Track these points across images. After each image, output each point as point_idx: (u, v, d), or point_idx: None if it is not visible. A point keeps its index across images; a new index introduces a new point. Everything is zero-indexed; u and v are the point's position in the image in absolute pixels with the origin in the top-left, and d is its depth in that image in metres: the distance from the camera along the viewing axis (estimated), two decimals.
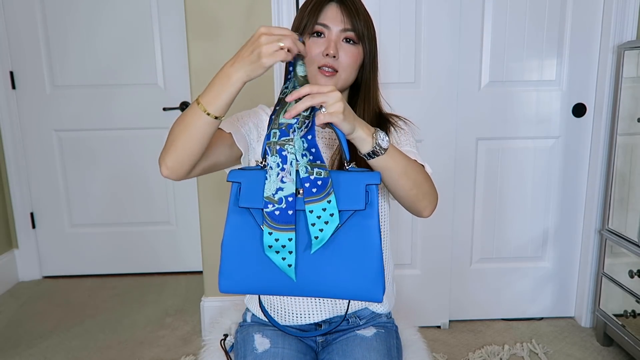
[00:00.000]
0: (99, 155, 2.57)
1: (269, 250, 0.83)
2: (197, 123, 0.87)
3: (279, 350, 1.04)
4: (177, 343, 2.04)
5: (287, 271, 0.83)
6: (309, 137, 0.82)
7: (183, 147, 0.90)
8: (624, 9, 1.86)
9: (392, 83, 1.89)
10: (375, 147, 0.85)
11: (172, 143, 0.91)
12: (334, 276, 0.83)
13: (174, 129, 0.92)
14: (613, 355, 1.90)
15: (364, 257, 0.83)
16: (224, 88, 0.84)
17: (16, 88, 2.48)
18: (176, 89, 2.50)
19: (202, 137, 0.89)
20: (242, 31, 1.85)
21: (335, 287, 0.84)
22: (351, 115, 0.83)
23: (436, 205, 0.98)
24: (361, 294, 0.84)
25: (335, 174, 0.84)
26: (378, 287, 0.83)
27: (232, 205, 0.86)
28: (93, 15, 2.42)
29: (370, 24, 1.02)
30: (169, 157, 0.91)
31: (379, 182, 0.84)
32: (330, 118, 0.80)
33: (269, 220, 0.82)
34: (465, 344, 2.00)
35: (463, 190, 2.06)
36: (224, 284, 0.86)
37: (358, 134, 0.84)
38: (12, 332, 2.13)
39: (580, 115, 2.01)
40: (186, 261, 2.69)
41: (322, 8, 0.99)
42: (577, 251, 2.13)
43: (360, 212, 0.83)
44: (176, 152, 0.90)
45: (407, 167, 0.90)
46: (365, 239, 0.83)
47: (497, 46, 1.94)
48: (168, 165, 0.91)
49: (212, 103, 0.85)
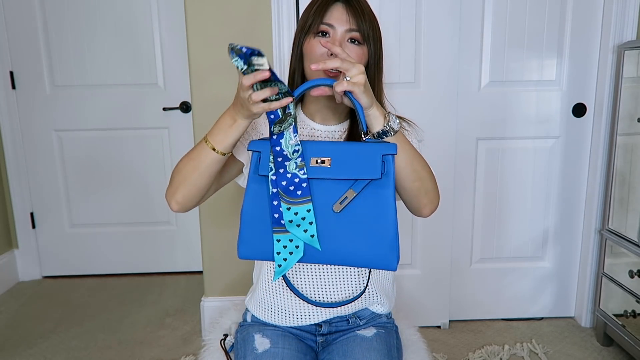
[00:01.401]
0: (99, 155, 2.57)
1: (290, 225, 0.86)
2: (207, 161, 0.92)
3: (279, 350, 1.04)
4: (177, 343, 2.04)
5: (311, 242, 0.87)
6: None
7: (194, 183, 0.95)
8: (624, 9, 1.86)
9: (392, 83, 1.89)
10: (386, 127, 0.88)
11: (183, 181, 0.95)
12: (350, 243, 0.86)
13: (182, 167, 0.96)
14: (613, 355, 1.90)
15: (380, 225, 0.85)
16: (232, 130, 0.90)
17: (16, 88, 2.48)
18: (176, 89, 2.50)
19: (212, 172, 0.94)
20: (242, 31, 1.85)
21: (352, 254, 0.87)
22: (370, 91, 0.87)
23: (437, 206, 0.99)
24: (376, 262, 0.87)
25: (353, 144, 0.88)
26: (393, 254, 0.86)
27: (252, 174, 0.90)
28: (93, 15, 2.42)
29: (375, 24, 1.02)
30: (179, 193, 0.96)
31: (395, 152, 0.86)
32: (353, 87, 0.83)
33: (284, 196, 0.86)
34: (465, 344, 2.00)
35: (463, 190, 2.06)
36: (243, 250, 0.91)
37: (373, 111, 0.88)
38: (12, 332, 2.13)
39: (580, 115, 2.01)
40: (186, 261, 2.69)
41: (328, 8, 0.99)
42: (577, 251, 2.13)
43: (376, 181, 0.85)
44: (187, 189, 0.95)
45: (413, 158, 0.93)
46: (381, 207, 0.85)
47: (497, 46, 1.94)
48: (179, 201, 0.97)
49: (221, 142, 0.91)
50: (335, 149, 0.87)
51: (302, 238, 0.86)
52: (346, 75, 0.84)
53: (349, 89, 0.83)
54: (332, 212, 0.86)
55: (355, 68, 0.84)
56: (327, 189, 0.87)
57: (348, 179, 0.86)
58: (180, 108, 2.50)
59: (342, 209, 0.86)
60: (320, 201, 0.86)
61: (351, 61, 0.84)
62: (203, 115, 1.90)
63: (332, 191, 0.86)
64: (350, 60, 0.84)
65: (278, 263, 0.89)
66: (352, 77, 0.84)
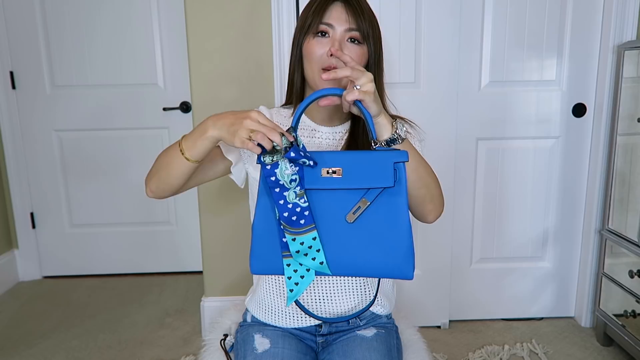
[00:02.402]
0: (99, 155, 2.57)
1: (297, 255, 0.84)
2: (176, 161, 0.92)
3: (278, 350, 1.04)
4: (177, 343, 2.04)
5: (321, 269, 0.85)
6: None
7: (164, 179, 0.95)
8: (624, 9, 1.86)
9: (392, 83, 1.89)
10: (394, 135, 0.88)
11: (156, 172, 0.97)
12: (364, 254, 0.85)
13: (159, 159, 0.97)
14: (613, 355, 1.90)
15: (394, 234, 0.84)
16: (200, 139, 0.88)
17: (16, 88, 2.48)
18: (176, 89, 2.50)
19: (181, 174, 0.94)
20: (242, 31, 1.85)
21: (367, 266, 0.85)
22: (378, 99, 0.87)
23: (441, 212, 0.99)
24: (392, 271, 0.85)
25: (364, 153, 0.86)
26: (409, 263, 0.85)
27: (262, 188, 0.87)
28: (93, 15, 2.42)
29: (375, 23, 1.01)
30: (152, 182, 0.98)
31: (407, 159, 0.85)
32: (363, 96, 0.83)
33: (288, 228, 0.83)
34: (465, 344, 2.00)
35: (463, 190, 2.06)
36: (256, 265, 0.89)
37: (381, 119, 0.87)
38: (12, 332, 2.13)
39: (580, 115, 2.01)
40: (186, 261, 2.69)
41: (327, 7, 0.98)
42: (577, 251, 2.13)
43: (389, 189, 0.84)
44: (159, 181, 0.96)
45: (419, 165, 0.92)
46: (395, 216, 0.84)
47: (497, 46, 1.94)
48: (152, 189, 0.98)
49: (190, 148, 0.90)
50: (346, 159, 0.85)
51: (312, 267, 0.85)
52: (356, 84, 0.83)
53: (359, 97, 0.83)
54: (345, 223, 0.85)
55: (365, 77, 0.84)
56: (340, 199, 0.85)
57: (360, 188, 0.84)
58: (180, 108, 2.50)
59: (355, 219, 0.84)
60: (333, 212, 0.85)
61: (360, 70, 0.84)
62: (203, 115, 1.90)
63: (344, 201, 0.85)
64: (360, 69, 0.84)
65: (290, 288, 0.87)
66: (362, 86, 0.83)
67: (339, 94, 0.86)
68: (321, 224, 0.85)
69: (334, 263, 0.85)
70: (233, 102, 1.88)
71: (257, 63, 1.88)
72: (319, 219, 0.85)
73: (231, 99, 1.89)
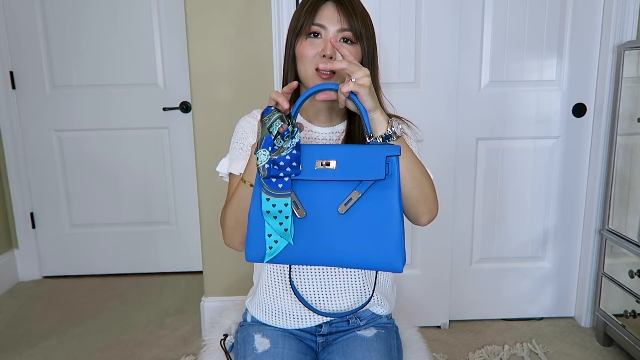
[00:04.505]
0: (99, 155, 2.57)
1: (267, 215, 0.86)
2: (248, 197, 0.92)
3: (278, 350, 1.04)
4: (177, 343, 2.04)
5: (284, 235, 0.87)
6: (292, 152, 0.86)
7: (244, 221, 0.95)
8: (624, 9, 1.86)
9: (392, 83, 1.89)
10: (389, 131, 0.88)
11: (236, 225, 0.98)
12: (355, 245, 0.86)
13: (231, 214, 0.99)
14: (613, 355, 1.90)
15: (384, 227, 0.85)
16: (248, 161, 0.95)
17: (16, 88, 2.48)
18: (176, 89, 2.50)
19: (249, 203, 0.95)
20: (242, 31, 1.85)
21: (357, 256, 0.86)
22: (374, 95, 0.88)
23: (435, 215, 0.99)
24: (382, 263, 0.86)
25: (357, 147, 0.88)
26: (398, 256, 0.85)
27: (258, 176, 0.89)
28: (93, 15, 2.42)
29: (368, 22, 1.01)
30: (238, 235, 0.99)
31: (399, 153, 0.85)
32: (359, 88, 0.84)
33: (265, 187, 0.86)
34: (465, 344, 2.00)
35: (463, 190, 2.06)
36: (250, 253, 0.90)
37: (377, 115, 0.88)
38: (12, 332, 2.13)
39: (580, 115, 2.01)
40: (186, 261, 2.69)
41: (319, 8, 0.98)
42: (577, 251, 2.13)
43: (381, 182, 0.85)
44: (242, 228, 0.96)
45: (413, 165, 0.92)
46: (386, 208, 0.85)
47: (497, 46, 1.94)
48: (242, 241, 0.98)
49: (249, 175, 0.94)
50: (340, 152, 0.87)
51: (277, 231, 0.86)
52: (352, 77, 0.85)
53: (354, 89, 0.84)
54: (337, 214, 0.86)
55: (361, 71, 0.85)
56: (332, 190, 0.86)
57: (352, 180, 0.86)
58: (180, 108, 2.50)
59: (346, 210, 0.86)
60: (326, 203, 0.86)
61: (357, 64, 0.86)
62: (203, 115, 1.90)
63: (337, 193, 0.86)
64: (357, 64, 0.86)
65: (269, 245, 0.88)
66: (358, 79, 0.84)
67: (335, 88, 0.87)
68: (313, 214, 0.87)
69: (324, 252, 0.87)
70: (233, 102, 1.88)
71: (257, 63, 1.88)
72: (311, 210, 0.87)
73: (231, 99, 1.89)
